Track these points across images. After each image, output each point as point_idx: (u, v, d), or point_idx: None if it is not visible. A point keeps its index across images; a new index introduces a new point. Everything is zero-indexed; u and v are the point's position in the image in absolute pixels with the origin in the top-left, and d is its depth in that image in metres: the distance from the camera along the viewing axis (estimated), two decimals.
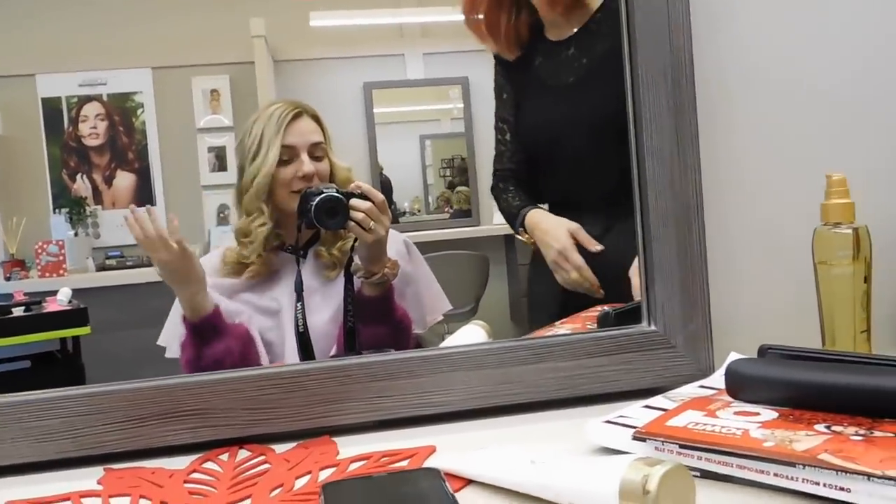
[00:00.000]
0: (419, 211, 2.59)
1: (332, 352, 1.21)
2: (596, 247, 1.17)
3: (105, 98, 2.16)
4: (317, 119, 1.27)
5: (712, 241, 0.94)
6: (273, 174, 1.22)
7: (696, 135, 0.90)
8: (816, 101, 1.03)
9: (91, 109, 2.26)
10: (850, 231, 0.89)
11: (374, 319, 1.22)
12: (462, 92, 2.48)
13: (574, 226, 1.20)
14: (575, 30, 1.20)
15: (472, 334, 1.07)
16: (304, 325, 1.20)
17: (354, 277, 1.20)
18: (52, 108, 2.20)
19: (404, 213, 2.58)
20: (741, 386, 0.78)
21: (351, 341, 1.19)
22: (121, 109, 2.16)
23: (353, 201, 1.16)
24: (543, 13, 1.20)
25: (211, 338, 1.18)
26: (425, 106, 2.67)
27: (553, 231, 1.25)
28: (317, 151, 1.24)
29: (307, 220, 1.16)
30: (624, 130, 1.05)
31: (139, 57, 2.15)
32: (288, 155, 1.23)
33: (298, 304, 1.20)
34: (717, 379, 0.85)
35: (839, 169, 0.90)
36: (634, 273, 1.07)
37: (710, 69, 0.97)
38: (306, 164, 1.22)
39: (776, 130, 1.02)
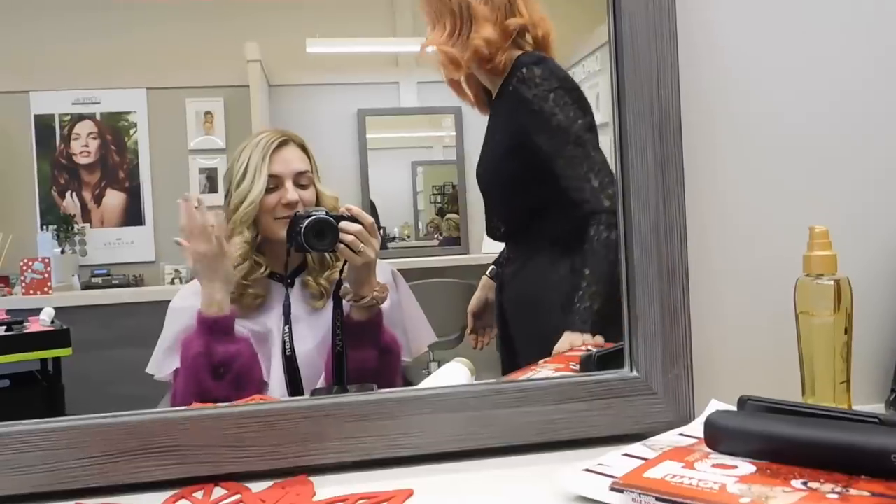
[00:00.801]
0: (409, 237, 2.59)
1: (321, 379, 1.21)
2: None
3: (98, 117, 2.16)
4: (303, 147, 1.27)
5: (695, 288, 0.94)
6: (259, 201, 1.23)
7: (681, 183, 0.91)
8: (801, 152, 1.05)
9: (84, 128, 2.26)
10: (831, 283, 0.89)
11: (363, 344, 1.22)
12: (455, 121, 2.49)
13: None
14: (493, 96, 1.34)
15: (455, 373, 1.06)
16: (292, 347, 1.19)
17: (343, 301, 1.20)
18: (44, 125, 2.20)
19: (394, 238, 2.59)
20: (720, 438, 0.78)
21: (339, 366, 1.19)
22: (113, 128, 2.17)
23: (343, 224, 1.16)
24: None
25: (223, 337, 1.17)
26: (418, 133, 2.68)
27: None
28: (302, 180, 1.25)
29: (296, 243, 1.16)
30: (526, 179, 1.20)
31: (134, 77, 2.16)
32: (273, 183, 1.23)
33: (286, 328, 1.19)
34: (698, 427, 0.85)
35: (822, 220, 0.91)
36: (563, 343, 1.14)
37: (696, 118, 0.98)
38: (290, 192, 1.22)
39: (761, 180, 1.03)
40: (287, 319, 1.20)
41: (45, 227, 2.18)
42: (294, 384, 1.19)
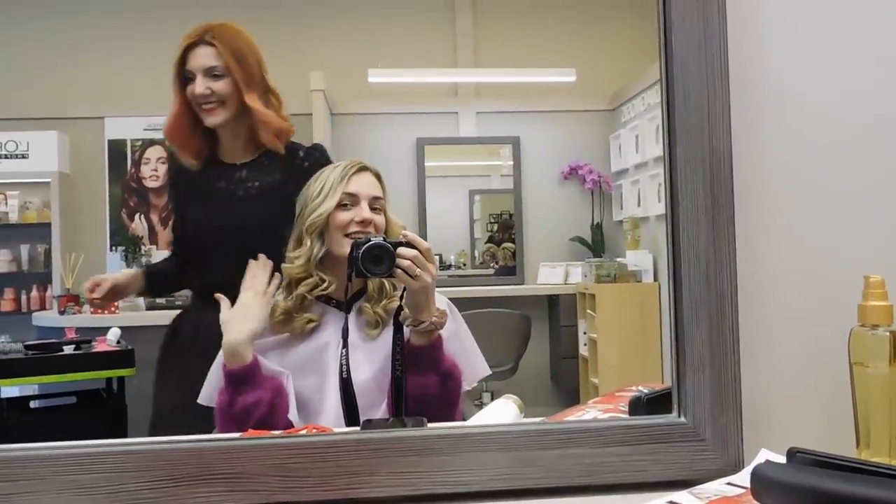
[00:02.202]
0: (465, 265, 2.62)
1: (382, 407, 1.23)
2: None
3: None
4: (378, 177, 1.31)
5: (747, 334, 0.93)
6: (331, 216, 1.26)
7: (732, 225, 0.91)
8: (857, 198, 1.03)
9: (154, 153, 2.35)
10: (887, 334, 0.88)
11: (423, 369, 1.22)
12: (513, 150, 2.51)
13: None
14: (248, 160, 1.40)
15: (503, 410, 1.07)
16: (348, 371, 1.21)
17: (403, 326, 1.22)
18: (117, 149, 2.29)
19: (450, 266, 2.61)
20: (766, 491, 0.78)
21: (398, 390, 1.20)
22: None
23: (400, 249, 1.18)
24: (225, 141, 1.39)
25: (245, 387, 1.20)
26: (476, 161, 2.71)
27: None
28: (375, 204, 1.28)
29: (356, 268, 1.19)
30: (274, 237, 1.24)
31: None
32: (349, 201, 1.26)
33: (343, 351, 1.21)
34: (746, 476, 0.84)
35: (878, 269, 0.89)
36: None
37: (749, 162, 0.98)
38: (365, 212, 1.25)
39: (815, 226, 1.02)
40: (345, 343, 1.22)
41: (114, 247, 2.25)
42: (350, 409, 1.20)
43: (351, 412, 1.21)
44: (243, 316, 1.22)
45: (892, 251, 1.02)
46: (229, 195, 1.40)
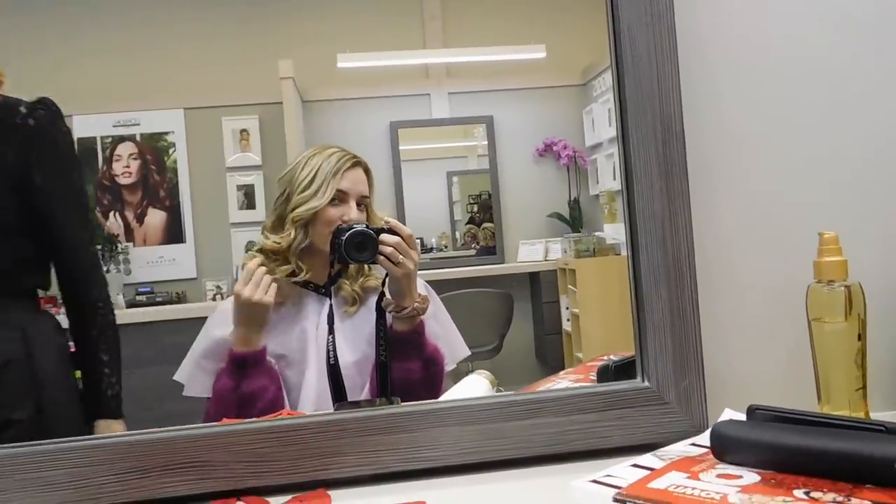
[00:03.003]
0: (446, 247, 2.61)
1: (366, 388, 1.23)
2: None
3: (138, 138, 2.22)
4: (368, 172, 1.31)
5: (707, 298, 0.94)
6: (318, 210, 1.26)
7: (686, 194, 0.91)
8: (810, 159, 1.04)
9: (125, 149, 2.32)
10: (842, 289, 0.89)
11: (407, 355, 1.24)
12: (487, 130, 2.50)
13: None
14: None
15: (474, 385, 1.08)
16: (335, 356, 1.22)
17: (386, 312, 1.22)
18: (87, 147, 2.27)
19: (431, 248, 2.61)
20: (726, 448, 0.78)
21: (383, 377, 1.21)
22: (153, 149, 2.22)
23: (382, 236, 1.18)
24: None
25: (252, 372, 1.21)
26: (451, 143, 2.70)
27: None
28: (363, 202, 1.28)
29: (339, 255, 1.19)
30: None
31: (171, 98, 2.22)
32: (339, 197, 1.27)
33: (330, 338, 1.22)
34: (708, 436, 0.85)
35: (832, 227, 0.90)
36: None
37: (702, 128, 0.98)
38: (353, 211, 1.26)
39: (769, 188, 1.02)
40: (331, 329, 1.22)
41: None
42: (339, 393, 1.21)
43: (339, 395, 1.22)
44: (248, 313, 1.22)
45: (846, 208, 1.03)
46: None
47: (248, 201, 2.21)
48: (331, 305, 1.24)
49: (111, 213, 2.21)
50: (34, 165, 1.15)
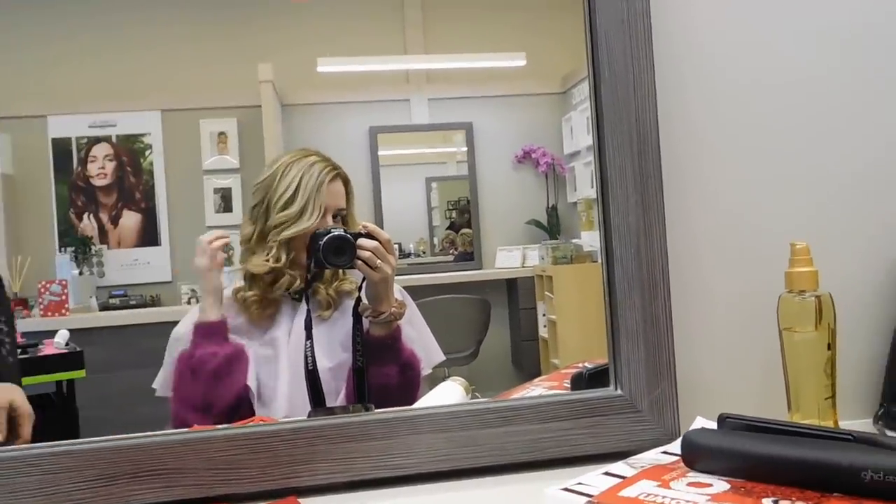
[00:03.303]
0: (424, 252, 2.61)
1: (342, 393, 1.23)
2: None
3: (114, 139, 2.21)
4: (347, 183, 1.30)
5: (680, 307, 0.95)
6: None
7: (661, 202, 0.92)
8: (782, 170, 1.05)
9: (100, 150, 2.31)
10: (812, 299, 0.89)
11: (383, 360, 1.23)
12: (466, 136, 2.51)
13: None
14: None
15: (448, 392, 1.08)
16: (314, 362, 1.21)
17: (362, 318, 1.22)
18: (61, 148, 2.25)
19: (409, 254, 2.61)
20: (696, 456, 0.79)
21: (360, 382, 1.21)
22: (129, 150, 2.21)
23: (360, 241, 1.18)
24: None
25: (208, 341, 1.20)
26: (431, 149, 2.70)
27: None
28: (339, 213, 1.28)
29: (316, 259, 1.19)
30: None
31: (149, 100, 2.20)
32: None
33: (308, 343, 1.21)
34: (679, 445, 0.86)
35: (803, 237, 0.91)
36: None
37: (675, 137, 0.99)
38: (329, 224, 1.25)
39: (741, 198, 1.03)
40: (309, 335, 1.21)
41: (63, 249, 2.22)
42: (317, 399, 1.20)
43: (319, 404, 1.21)
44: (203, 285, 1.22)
45: (817, 218, 1.04)
46: None
47: (225, 204, 2.20)
48: (308, 311, 1.23)
49: (85, 215, 2.20)
50: None
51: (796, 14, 1.06)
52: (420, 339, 1.32)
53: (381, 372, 1.22)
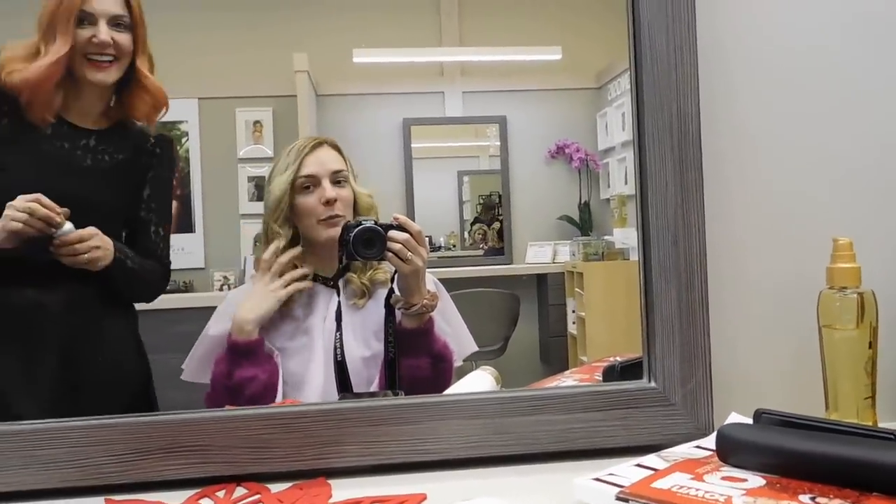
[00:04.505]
0: (454, 246, 2.61)
1: (375, 383, 1.23)
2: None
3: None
4: (337, 148, 1.30)
5: (717, 300, 0.93)
6: (295, 203, 1.26)
7: (700, 195, 0.90)
8: (826, 164, 1.03)
9: None
10: (855, 296, 0.88)
11: (415, 351, 1.23)
12: (499, 130, 2.50)
13: None
14: (101, 128, 1.21)
15: (478, 381, 1.07)
16: (342, 353, 1.22)
17: (395, 309, 1.22)
18: None
19: (440, 247, 2.60)
20: (731, 451, 0.78)
21: (392, 373, 1.21)
22: None
23: (391, 233, 1.18)
24: (87, 103, 1.20)
25: (245, 361, 1.21)
26: (463, 142, 2.69)
27: None
28: (338, 177, 1.28)
29: (347, 251, 1.19)
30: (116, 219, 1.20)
31: (186, 88, 2.21)
32: (310, 183, 1.27)
33: (337, 334, 1.22)
34: (714, 439, 0.84)
35: (846, 233, 0.89)
36: None
37: (719, 129, 0.98)
38: (328, 190, 1.25)
39: (783, 191, 1.02)
40: (339, 326, 1.22)
41: None
42: (345, 389, 1.21)
43: (345, 391, 1.21)
44: (256, 301, 1.22)
45: (860, 214, 1.02)
46: (73, 162, 1.20)
47: (259, 193, 2.21)
48: (339, 302, 1.23)
49: None
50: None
51: (839, 9, 1.04)
52: (453, 330, 1.32)
53: (414, 363, 1.22)
